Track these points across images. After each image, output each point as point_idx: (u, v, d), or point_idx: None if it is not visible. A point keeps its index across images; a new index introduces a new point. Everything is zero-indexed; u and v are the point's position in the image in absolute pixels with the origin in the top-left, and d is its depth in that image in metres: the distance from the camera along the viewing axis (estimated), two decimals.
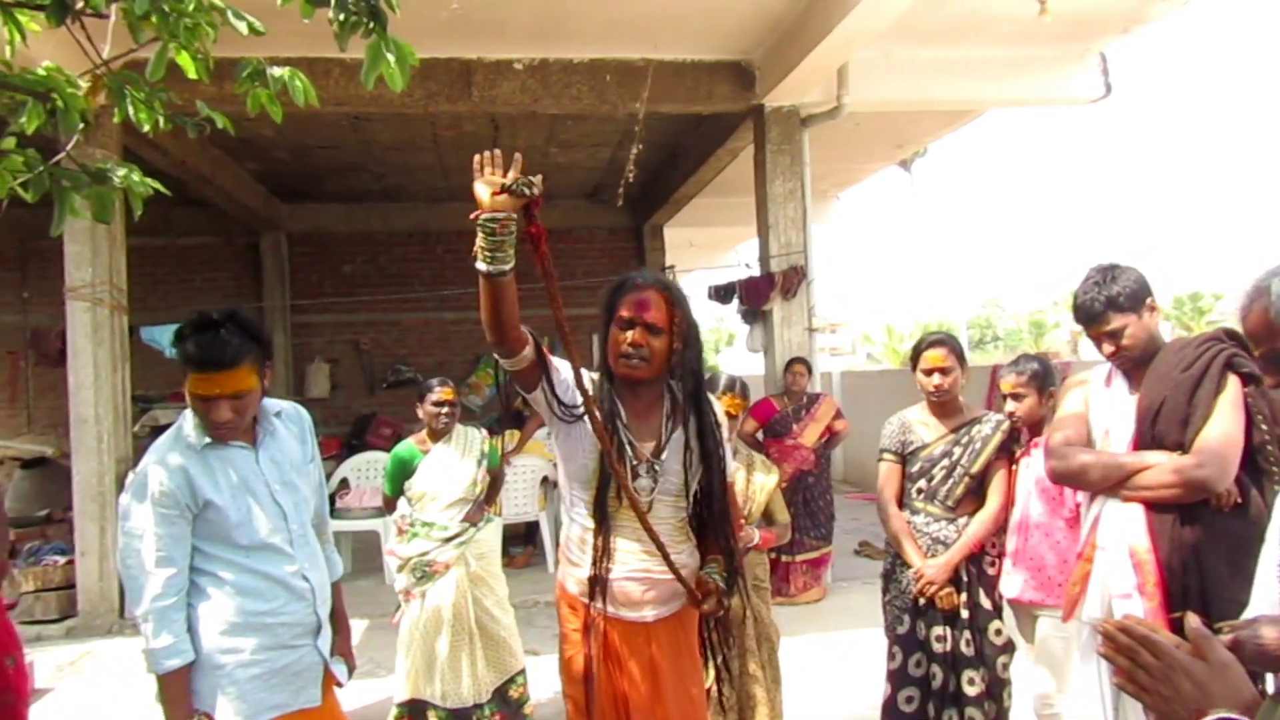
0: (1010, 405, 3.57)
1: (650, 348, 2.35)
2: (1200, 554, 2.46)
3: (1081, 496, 3.34)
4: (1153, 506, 2.54)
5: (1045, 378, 3.55)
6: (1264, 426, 2.49)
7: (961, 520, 3.43)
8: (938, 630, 3.39)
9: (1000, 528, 3.50)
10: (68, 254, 6.59)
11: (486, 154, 2.17)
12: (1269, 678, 1.93)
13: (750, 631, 3.48)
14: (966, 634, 3.37)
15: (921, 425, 3.55)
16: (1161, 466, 2.51)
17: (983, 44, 7.41)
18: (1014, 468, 3.58)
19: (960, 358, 3.48)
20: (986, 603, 3.42)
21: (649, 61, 7.20)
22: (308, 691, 2.44)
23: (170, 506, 2.28)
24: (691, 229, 13.41)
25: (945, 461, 3.46)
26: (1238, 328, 2.60)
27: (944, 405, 3.51)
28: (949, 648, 3.38)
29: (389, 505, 4.52)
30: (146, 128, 2.25)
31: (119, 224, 6.67)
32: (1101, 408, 2.79)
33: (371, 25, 2.12)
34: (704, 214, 12.04)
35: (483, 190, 2.13)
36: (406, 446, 4.44)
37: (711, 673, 3.35)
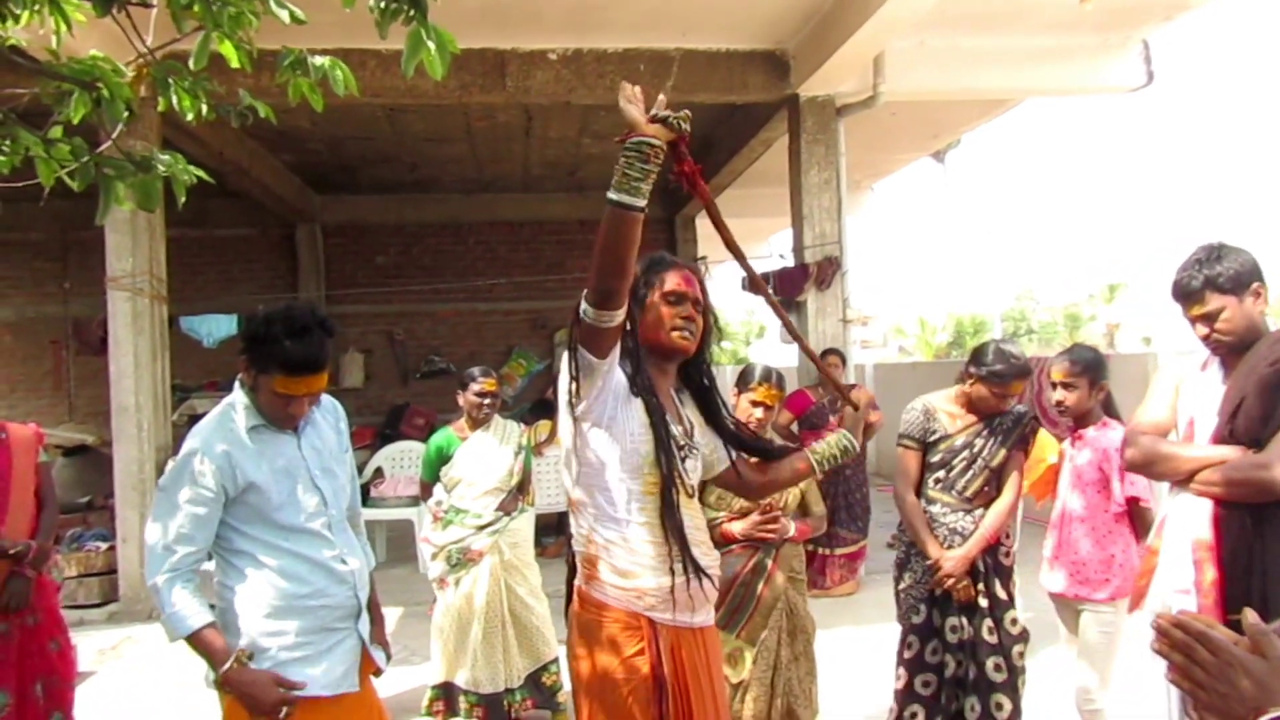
0: (1060, 394, 3.51)
1: (696, 322, 2.31)
2: (1266, 555, 2.38)
3: (1137, 489, 3.30)
4: (1222, 504, 2.46)
5: (1098, 369, 3.49)
6: None
7: (978, 512, 3.42)
8: (952, 620, 3.39)
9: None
10: (109, 244, 6.69)
11: (631, 86, 1.99)
12: None
13: (784, 623, 3.47)
14: (988, 622, 3.36)
15: (946, 415, 3.51)
16: (1230, 463, 2.42)
17: (1022, 32, 7.31)
18: (1054, 460, 3.54)
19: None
20: (1003, 593, 3.41)
21: (682, 51, 7.17)
22: (349, 677, 2.46)
23: (207, 489, 2.31)
24: (725, 220, 13.35)
25: (966, 453, 3.44)
26: None
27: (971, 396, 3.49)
28: (965, 636, 3.37)
29: (425, 491, 4.57)
30: (190, 116, 2.27)
31: (159, 215, 6.75)
32: (1191, 395, 2.69)
33: (412, 13, 2.12)
34: (737, 204, 11.98)
35: (635, 113, 1.96)
36: (445, 434, 4.49)
37: (747, 663, 3.36)
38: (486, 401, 4.39)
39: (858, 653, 5.30)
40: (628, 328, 2.22)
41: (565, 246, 12.64)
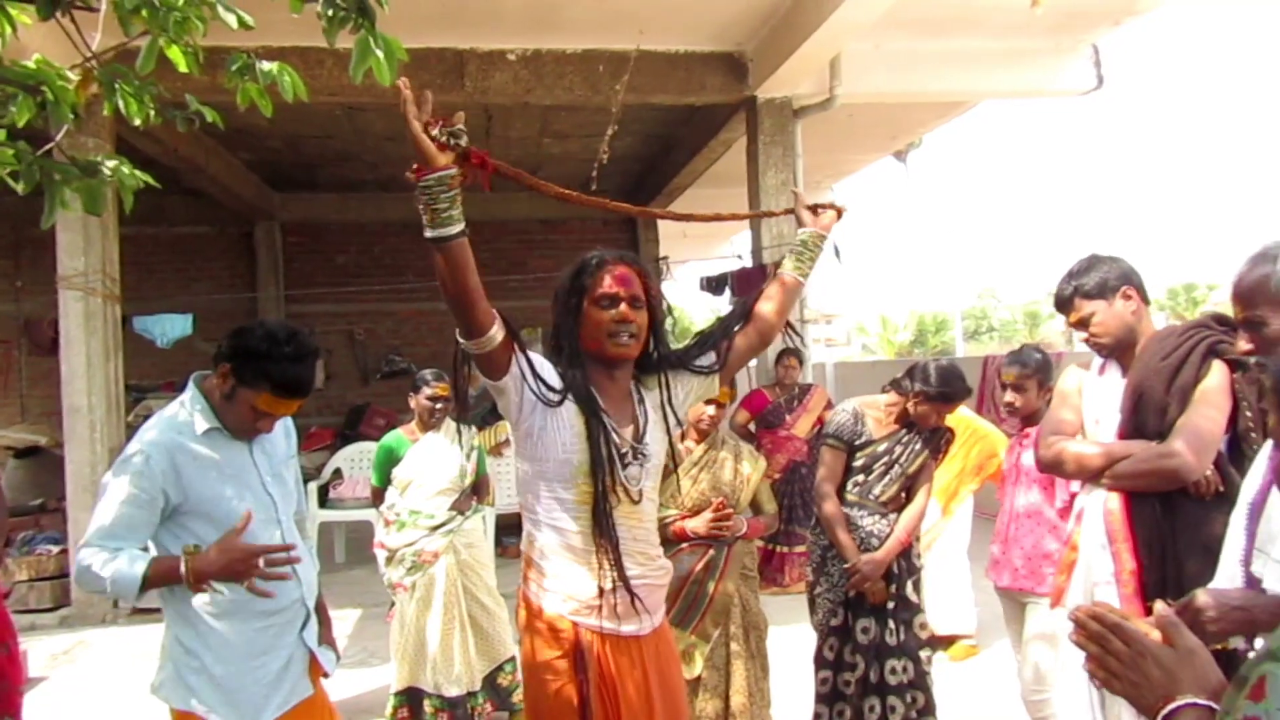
0: (1010, 395, 3.60)
1: (637, 323, 2.22)
2: (1179, 542, 2.47)
3: (1075, 486, 3.38)
4: (1133, 495, 2.56)
5: (1046, 370, 3.60)
6: (1249, 413, 2.46)
7: (892, 516, 3.51)
8: (864, 622, 3.46)
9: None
10: (60, 243, 6.59)
11: (407, 92, 1.89)
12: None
13: (737, 619, 3.52)
14: (890, 624, 3.43)
15: (874, 420, 3.59)
16: (1136, 455, 2.53)
17: (975, 35, 7.41)
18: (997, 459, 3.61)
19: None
20: (913, 595, 3.50)
21: (641, 52, 7.19)
22: (301, 684, 2.46)
23: (145, 491, 2.26)
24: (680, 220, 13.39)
25: (886, 459, 3.52)
26: (1229, 314, 2.63)
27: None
28: (872, 639, 3.44)
29: (377, 497, 4.53)
30: (137, 121, 2.26)
31: (112, 214, 6.65)
32: (1093, 395, 2.81)
33: (360, 20, 2.12)
34: (697, 205, 12.02)
35: (428, 146, 1.91)
36: (395, 436, 4.47)
37: (701, 658, 3.41)
38: (438, 406, 4.37)
39: (814, 649, 5.35)
40: (566, 334, 2.24)
41: (527, 246, 12.62)
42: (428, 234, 1.93)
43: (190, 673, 2.31)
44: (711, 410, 3.51)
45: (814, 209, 2.65)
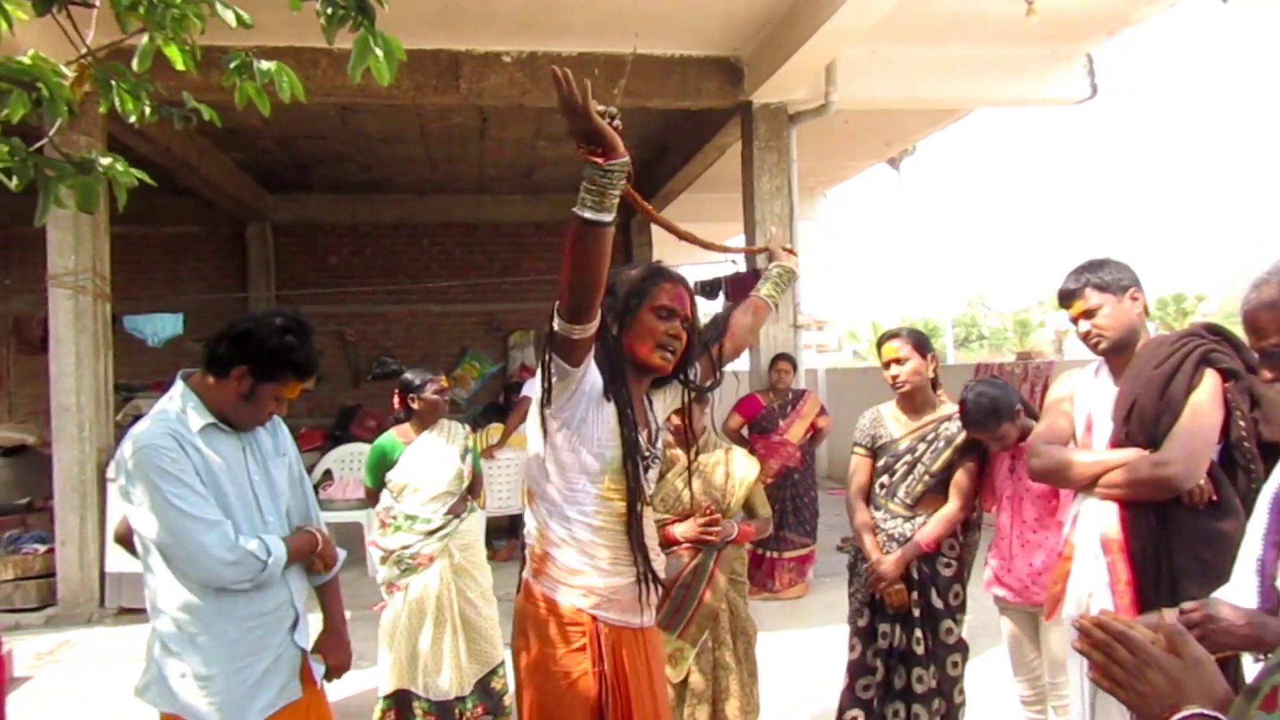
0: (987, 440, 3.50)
1: (681, 340, 2.31)
2: (1173, 551, 2.47)
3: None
4: (1127, 504, 2.56)
5: (1001, 412, 3.37)
6: (1241, 423, 2.47)
7: (920, 519, 3.43)
8: (883, 627, 3.43)
9: (961, 528, 3.47)
10: (50, 241, 6.55)
11: (567, 76, 1.88)
12: (1247, 672, 1.96)
13: (725, 624, 3.50)
14: (918, 632, 3.38)
15: (893, 420, 3.54)
16: (1129, 465, 2.52)
17: (970, 43, 7.44)
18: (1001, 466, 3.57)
19: (920, 348, 3.44)
20: (939, 602, 3.40)
21: (637, 56, 7.19)
22: (290, 687, 2.44)
23: (187, 470, 2.26)
24: (679, 224, 13.39)
25: (908, 458, 3.46)
26: (1221, 324, 2.64)
27: (911, 399, 3.49)
28: (894, 643, 3.40)
29: (371, 498, 4.50)
30: (133, 118, 2.24)
31: (103, 212, 6.64)
32: (1086, 402, 2.80)
33: (359, 19, 2.11)
34: (692, 209, 12.04)
35: (614, 136, 1.94)
36: (388, 438, 4.42)
37: (687, 663, 3.39)
38: (445, 399, 4.37)
39: (804, 655, 5.36)
40: (614, 333, 2.26)
41: (520, 249, 12.60)
42: (589, 215, 1.92)
43: (176, 675, 2.29)
44: (675, 420, 3.50)
45: (787, 250, 2.91)
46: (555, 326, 2.05)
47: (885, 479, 3.50)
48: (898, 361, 3.43)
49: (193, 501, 2.24)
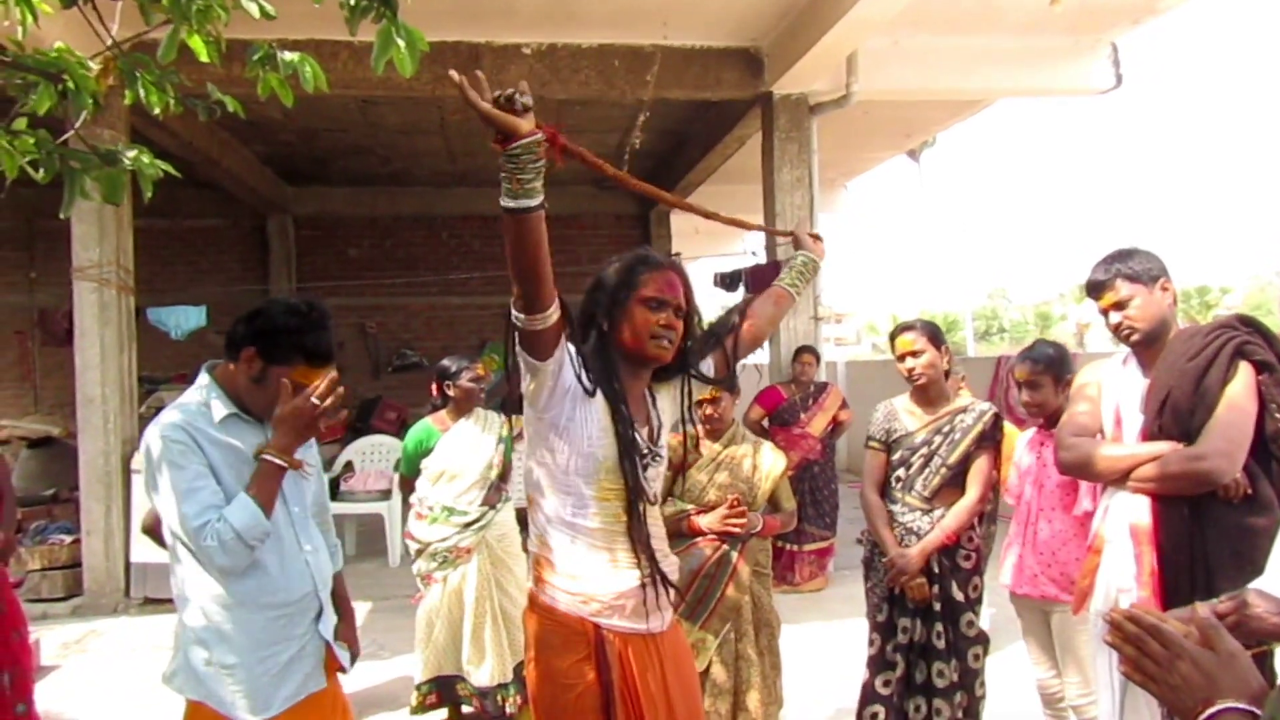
0: (1025, 395, 3.54)
1: (677, 330, 2.23)
2: (1207, 545, 2.44)
3: (1097, 487, 3.33)
4: (1160, 498, 2.52)
5: (1060, 365, 3.50)
6: (1277, 415, 2.43)
7: (937, 512, 3.39)
8: (904, 621, 3.39)
9: (978, 520, 3.47)
10: (75, 235, 6.61)
11: (465, 84, 1.85)
12: None
13: (748, 616, 3.49)
14: (938, 626, 3.35)
15: (908, 413, 3.52)
16: (1165, 458, 2.48)
17: (993, 33, 7.37)
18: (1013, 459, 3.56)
19: (934, 340, 3.43)
20: (959, 595, 3.38)
21: (657, 47, 7.17)
22: (314, 677, 2.45)
23: (197, 461, 2.26)
24: (698, 216, 13.38)
25: (924, 450, 3.43)
26: (1252, 316, 2.60)
27: (926, 392, 3.47)
28: (915, 638, 3.37)
29: (406, 486, 4.52)
30: (157, 110, 2.25)
31: (126, 205, 6.68)
32: (1115, 393, 2.76)
33: (382, 10, 2.11)
34: (711, 201, 11.87)
35: (500, 114, 1.86)
36: (424, 426, 4.45)
37: (709, 655, 3.38)
38: (481, 387, 4.38)
39: (826, 647, 5.35)
40: (604, 328, 2.21)
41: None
42: (507, 203, 1.90)
43: (202, 663, 2.30)
44: (707, 409, 3.49)
45: (814, 237, 2.82)
46: (514, 320, 2.02)
47: (901, 472, 3.47)
48: (913, 354, 3.41)
49: (192, 489, 2.23)
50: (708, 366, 2.42)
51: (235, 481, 2.31)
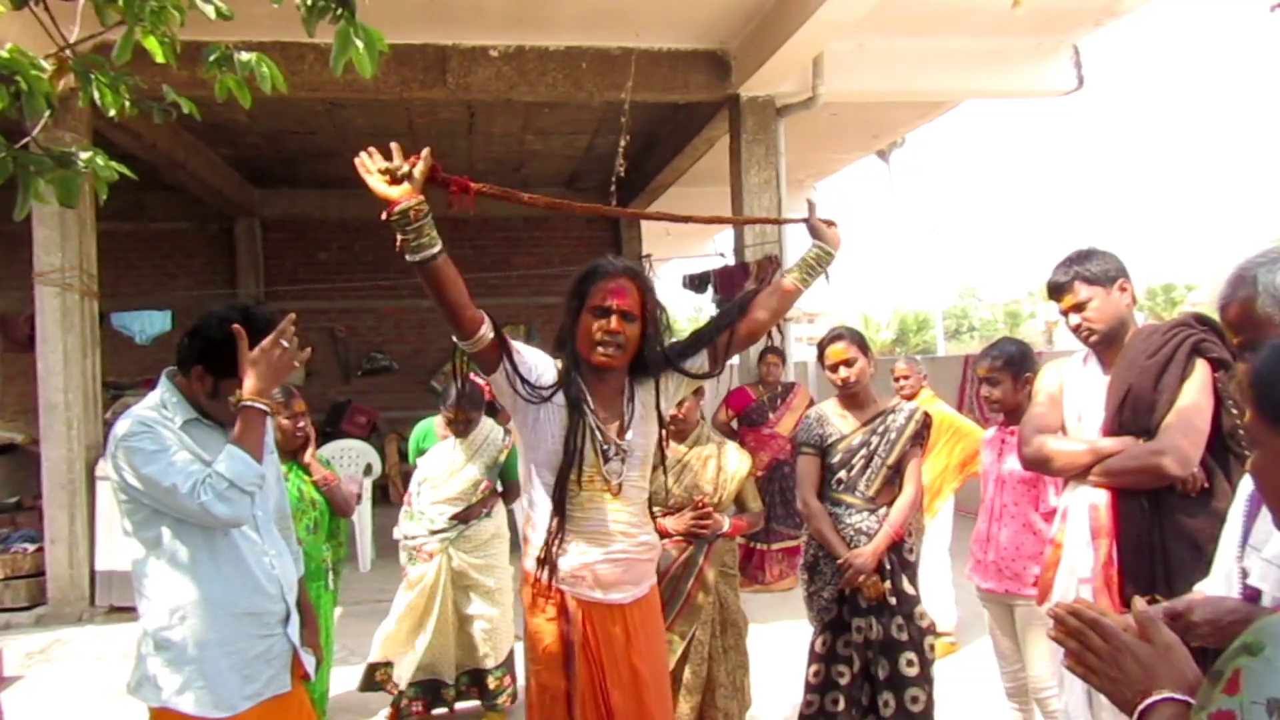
0: (985, 390, 3.60)
1: (625, 335, 2.39)
2: (1165, 539, 2.49)
3: (1058, 483, 3.38)
4: (1119, 492, 2.57)
5: (1021, 362, 3.56)
6: (1234, 411, 2.48)
7: (882, 511, 3.47)
8: (858, 621, 3.44)
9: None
10: (37, 238, 6.52)
11: (362, 157, 2.26)
12: None
13: (715, 616, 3.51)
14: (898, 619, 3.41)
15: (839, 417, 3.59)
16: (1124, 453, 2.54)
17: (957, 35, 7.44)
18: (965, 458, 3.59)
19: (863, 348, 3.55)
20: (910, 589, 3.47)
21: (625, 50, 7.18)
22: (280, 678, 2.44)
23: (168, 439, 2.25)
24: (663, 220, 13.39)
25: (864, 451, 3.50)
26: (1209, 314, 2.65)
27: (855, 397, 3.57)
28: (873, 635, 3.41)
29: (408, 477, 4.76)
30: (113, 112, 2.23)
31: (89, 209, 6.60)
32: (1075, 391, 2.82)
33: (339, 10, 2.11)
34: (680, 203, 12.02)
35: (380, 187, 2.23)
36: (427, 426, 4.76)
37: (677, 653, 3.40)
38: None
39: (795, 646, 5.33)
40: (568, 332, 2.46)
41: (510, 244, 12.58)
42: (409, 258, 2.18)
43: (165, 668, 2.28)
44: (671, 411, 3.51)
45: (827, 223, 2.79)
46: (456, 342, 2.36)
47: (843, 474, 3.52)
48: (846, 363, 3.52)
49: (174, 462, 2.22)
50: (700, 361, 2.56)
51: None
